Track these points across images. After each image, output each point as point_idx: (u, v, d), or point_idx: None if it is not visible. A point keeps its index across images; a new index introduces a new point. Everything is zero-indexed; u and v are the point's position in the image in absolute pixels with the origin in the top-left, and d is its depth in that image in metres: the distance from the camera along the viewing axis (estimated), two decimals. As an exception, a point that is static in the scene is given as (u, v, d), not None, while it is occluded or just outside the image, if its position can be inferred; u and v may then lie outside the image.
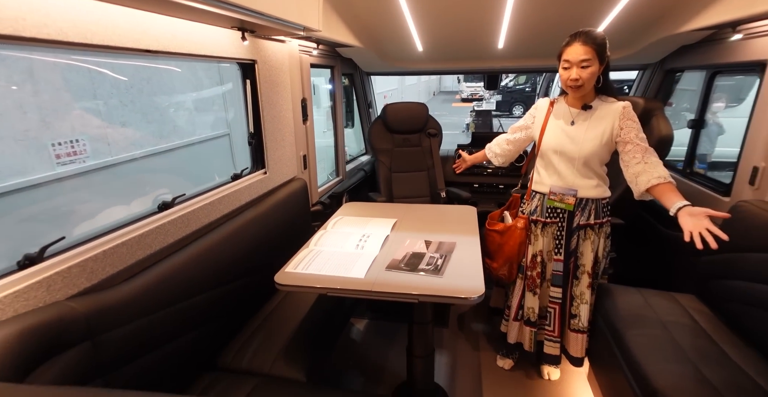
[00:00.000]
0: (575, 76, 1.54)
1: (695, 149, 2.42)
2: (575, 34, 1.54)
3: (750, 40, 1.86)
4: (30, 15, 0.89)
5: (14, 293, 0.91)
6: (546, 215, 1.78)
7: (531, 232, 1.84)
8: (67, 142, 3.47)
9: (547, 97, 1.81)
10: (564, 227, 1.76)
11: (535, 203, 1.82)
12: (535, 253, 1.83)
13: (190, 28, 1.40)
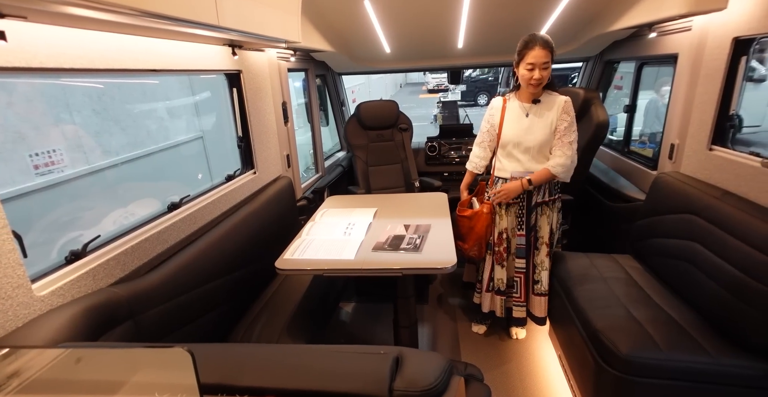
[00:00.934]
0: (538, 76, 1.79)
1: (631, 131, 2.78)
2: (534, 40, 1.77)
3: (665, 36, 2.20)
4: (69, 50, 1.07)
5: (70, 282, 1.10)
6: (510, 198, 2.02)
7: (496, 213, 2.09)
8: (44, 153, 3.52)
9: (499, 96, 2.07)
10: (524, 206, 2.03)
11: (498, 187, 2.05)
12: (501, 231, 2.09)
13: (189, 47, 1.58)
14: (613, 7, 2.27)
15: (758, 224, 1.39)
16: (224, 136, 5.47)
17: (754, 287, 1.33)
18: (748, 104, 6.44)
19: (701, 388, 1.38)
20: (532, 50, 1.77)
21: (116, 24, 1.10)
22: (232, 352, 0.83)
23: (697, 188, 1.76)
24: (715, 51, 1.80)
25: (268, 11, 1.67)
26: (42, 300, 1.02)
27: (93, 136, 3.97)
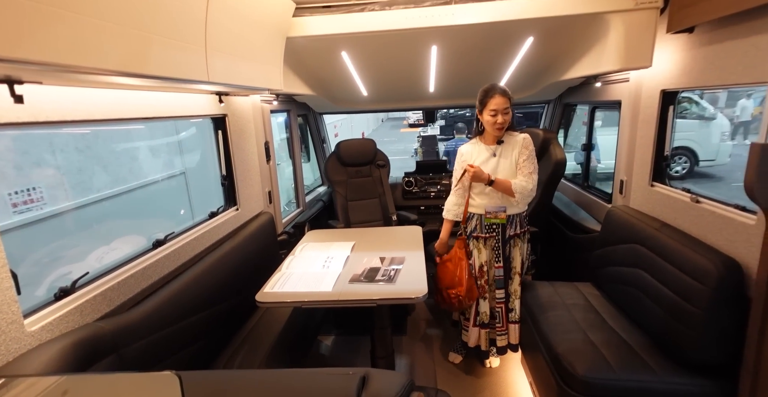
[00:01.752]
0: (501, 120, 1.97)
1: (588, 167, 3.03)
2: (493, 89, 1.96)
3: (609, 85, 2.48)
4: (71, 105, 1.20)
5: (59, 317, 1.17)
6: (485, 232, 2.13)
7: (474, 247, 2.17)
8: (24, 191, 3.54)
9: (466, 144, 2.21)
10: (499, 239, 2.13)
11: (474, 222, 2.16)
12: (481, 264, 2.17)
13: (178, 97, 1.74)
14: (561, 61, 2.56)
15: (689, 253, 1.57)
16: (205, 173, 5.58)
17: (688, 309, 1.48)
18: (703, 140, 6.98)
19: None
20: (493, 98, 1.96)
21: (117, 83, 1.24)
22: (214, 377, 0.91)
23: (641, 220, 1.96)
24: (648, 100, 2.06)
25: (253, 64, 1.85)
26: (32, 335, 1.09)
27: (75, 173, 4.02)
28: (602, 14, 1.93)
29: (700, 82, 1.69)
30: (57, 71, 0.89)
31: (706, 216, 1.64)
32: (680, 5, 1.66)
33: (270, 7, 1.87)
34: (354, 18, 2.10)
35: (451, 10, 2.04)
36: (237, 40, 1.64)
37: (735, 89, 8.96)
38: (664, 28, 1.84)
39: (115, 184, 4.45)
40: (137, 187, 4.81)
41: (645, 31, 1.89)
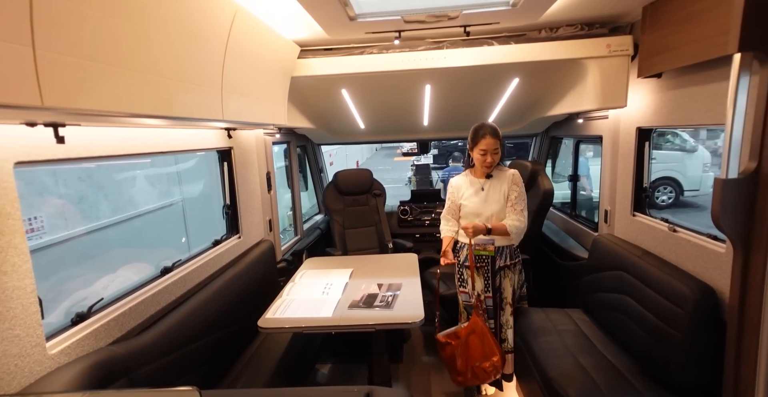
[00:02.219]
0: (490, 160, 2.08)
1: (576, 197, 3.17)
2: (483, 129, 2.06)
3: (590, 121, 2.67)
4: (99, 142, 1.31)
5: (76, 341, 1.23)
6: (476, 261, 2.15)
7: (468, 276, 2.18)
8: (25, 220, 3.59)
9: (457, 175, 2.32)
10: (489, 270, 2.17)
11: (465, 252, 2.18)
12: (478, 292, 2.17)
13: (193, 132, 1.86)
14: (546, 99, 2.76)
15: (668, 279, 1.67)
16: (202, 202, 5.67)
17: (669, 333, 1.57)
18: (686, 171, 7.25)
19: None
20: (483, 139, 2.06)
21: (142, 123, 1.37)
22: (231, 395, 0.98)
23: (625, 248, 2.08)
24: (626, 136, 2.23)
25: (261, 102, 2.00)
26: (52, 358, 1.15)
27: (76, 202, 4.08)
28: (580, 60, 2.13)
29: (669, 121, 1.86)
30: (99, 116, 1.01)
31: (683, 244, 1.76)
32: (648, 54, 1.86)
33: (278, 51, 2.04)
34: (354, 60, 2.29)
35: (443, 54, 2.23)
36: (248, 82, 1.79)
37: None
38: (636, 72, 2.03)
39: (114, 213, 4.51)
40: (135, 216, 4.87)
41: (618, 75, 2.09)
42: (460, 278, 2.26)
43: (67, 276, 3.52)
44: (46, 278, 3.37)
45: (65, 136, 1.06)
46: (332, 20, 1.81)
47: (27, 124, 1.00)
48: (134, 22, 1.02)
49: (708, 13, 1.45)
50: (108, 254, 4.07)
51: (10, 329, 1.04)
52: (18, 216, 1.06)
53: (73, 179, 4.13)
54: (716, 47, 1.40)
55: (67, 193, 4.04)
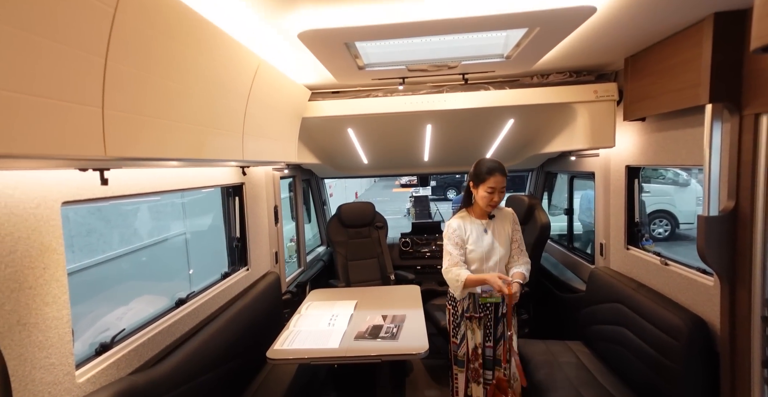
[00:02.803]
0: (497, 198, 1.95)
1: (572, 230, 3.28)
2: (496, 167, 1.93)
3: (582, 158, 2.82)
4: (132, 181, 1.43)
5: (100, 371, 1.29)
6: (479, 311, 2.04)
7: (468, 328, 2.06)
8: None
9: (454, 216, 2.13)
10: (492, 317, 2.04)
11: (467, 302, 2.05)
12: (475, 345, 2.05)
13: (210, 170, 1.99)
14: (540, 138, 2.94)
15: (662, 311, 1.75)
16: (206, 234, 5.75)
17: (666, 364, 1.63)
18: (681, 205, 7.40)
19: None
20: (494, 176, 1.93)
21: (171, 165, 1.49)
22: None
23: (620, 281, 2.16)
24: (616, 174, 2.37)
25: (275, 142, 2.14)
26: (79, 387, 1.21)
27: (84, 235, 4.16)
28: (569, 104, 2.31)
29: (655, 161, 2.01)
30: (144, 160, 1.13)
31: (675, 277, 1.85)
32: (631, 100, 2.03)
33: (292, 96, 2.21)
34: (360, 102, 2.46)
35: (443, 98, 2.41)
36: (265, 124, 1.94)
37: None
38: (622, 115, 2.20)
39: (118, 245, 4.57)
40: (139, 248, 4.93)
41: (606, 118, 2.26)
42: (455, 328, 2.11)
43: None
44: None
45: (109, 178, 1.17)
46: (343, 70, 1.99)
47: (80, 170, 1.12)
48: (177, 80, 1.17)
49: (682, 67, 1.62)
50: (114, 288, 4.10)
51: (47, 358, 1.10)
52: (61, 251, 1.16)
53: (83, 212, 4.23)
54: (691, 98, 1.57)
55: (75, 227, 4.12)
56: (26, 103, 0.74)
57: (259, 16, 1.32)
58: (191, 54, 1.21)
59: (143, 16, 0.96)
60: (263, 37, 1.51)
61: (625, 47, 1.88)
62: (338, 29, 1.40)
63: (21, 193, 1.05)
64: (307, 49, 1.61)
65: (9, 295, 1.01)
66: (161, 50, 1.07)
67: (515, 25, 1.44)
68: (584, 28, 1.55)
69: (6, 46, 0.69)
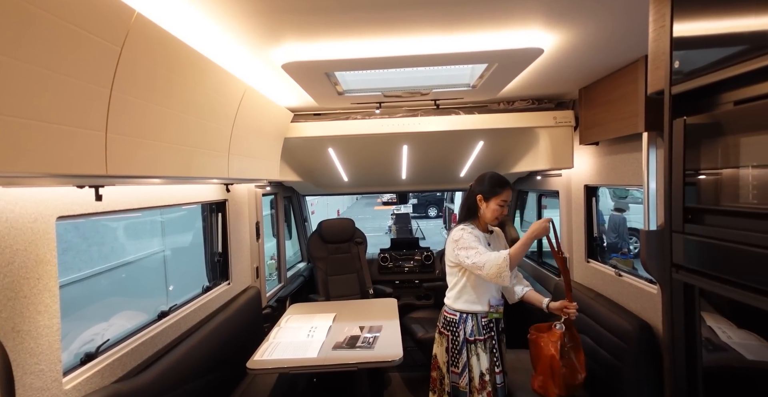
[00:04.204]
0: (505, 212, 1.97)
1: (541, 245, 3.46)
2: (508, 181, 1.97)
3: (547, 178, 3.03)
4: (121, 197, 1.52)
5: (85, 379, 1.35)
6: (483, 333, 1.92)
7: (473, 353, 1.90)
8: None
9: (458, 226, 2.00)
10: (495, 336, 1.94)
11: (470, 323, 1.92)
12: (482, 372, 1.88)
13: (196, 187, 2.09)
14: (508, 159, 3.15)
15: (615, 318, 1.91)
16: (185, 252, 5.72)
17: (619, 366, 1.78)
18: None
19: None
20: (507, 190, 1.95)
21: (159, 182, 1.60)
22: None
23: (581, 291, 2.33)
24: (576, 192, 2.57)
25: (259, 161, 2.26)
26: (66, 393, 1.26)
27: (61, 253, 4.11)
28: (532, 128, 2.52)
29: (607, 181, 2.21)
30: (138, 178, 1.24)
31: (627, 287, 2.03)
32: (585, 126, 2.25)
33: (275, 118, 2.35)
34: (340, 124, 2.62)
35: (418, 121, 2.59)
36: (249, 145, 2.07)
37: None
38: (578, 140, 2.42)
39: (97, 263, 4.53)
40: (119, 266, 4.88)
41: (564, 141, 2.47)
42: (455, 355, 1.94)
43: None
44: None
45: (103, 195, 1.27)
46: (323, 95, 2.14)
47: (77, 187, 1.22)
48: (171, 106, 1.29)
49: (624, 99, 1.84)
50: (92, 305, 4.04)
51: (37, 364, 1.17)
52: (54, 263, 1.24)
53: (60, 230, 4.19)
54: (631, 126, 1.77)
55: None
56: (40, 129, 0.85)
57: (247, 48, 1.46)
58: (185, 83, 1.34)
59: (145, 52, 1.08)
60: (250, 66, 1.65)
61: (578, 80, 2.11)
62: (319, 61, 1.55)
63: (20, 209, 1.14)
64: (290, 76, 1.76)
65: (6, 303, 1.09)
66: (159, 81, 1.19)
67: (477, 60, 1.63)
68: (540, 63, 1.75)
69: (24, 79, 0.80)
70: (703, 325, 0.91)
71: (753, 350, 0.87)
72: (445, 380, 1.98)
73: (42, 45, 0.82)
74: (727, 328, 0.91)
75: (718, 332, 0.95)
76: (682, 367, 0.90)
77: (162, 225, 5.80)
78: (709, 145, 0.80)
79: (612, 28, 1.39)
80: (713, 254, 0.79)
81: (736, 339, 0.88)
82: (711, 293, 0.86)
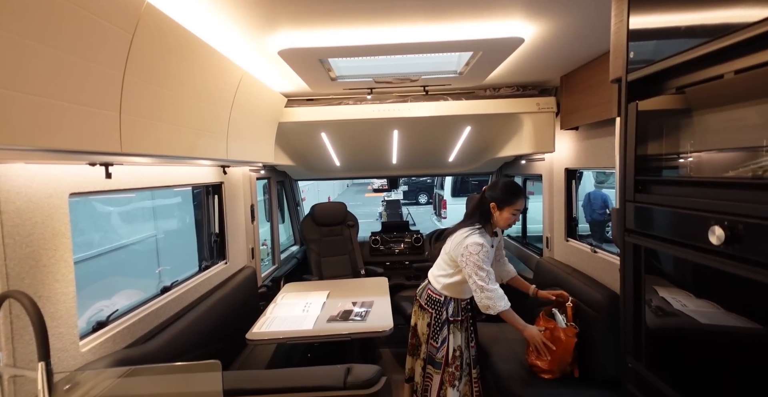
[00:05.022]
0: (517, 220, 2.10)
1: (526, 227, 3.62)
2: (522, 191, 2.07)
3: (532, 162, 3.17)
4: (128, 176, 1.61)
5: (98, 344, 1.46)
6: (462, 314, 2.13)
7: (450, 332, 2.09)
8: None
9: (476, 233, 2.00)
10: (470, 315, 2.17)
11: (452, 306, 2.10)
12: (455, 348, 2.08)
13: (195, 169, 2.18)
14: (494, 144, 3.27)
15: (589, 290, 2.07)
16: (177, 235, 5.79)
17: (593, 334, 1.95)
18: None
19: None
20: (521, 200, 2.02)
21: (163, 162, 1.69)
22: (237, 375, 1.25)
23: (559, 268, 2.49)
24: (558, 175, 2.71)
25: (254, 144, 2.35)
26: (83, 355, 1.37)
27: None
28: (517, 114, 2.64)
29: (586, 164, 2.35)
30: (142, 157, 1.33)
31: (600, 262, 2.18)
32: (566, 112, 2.37)
33: (270, 102, 2.43)
34: (332, 109, 2.70)
35: (408, 107, 2.68)
36: (246, 128, 2.15)
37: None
38: (560, 125, 2.54)
39: (87, 248, 4.58)
40: (113, 249, 4.94)
41: (546, 126, 2.60)
42: (436, 331, 2.11)
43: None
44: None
45: (115, 173, 1.36)
46: (317, 81, 2.22)
47: (89, 164, 1.31)
48: (176, 90, 1.38)
49: (600, 86, 1.96)
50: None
51: (57, 327, 1.27)
52: (68, 236, 1.33)
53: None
54: (606, 111, 1.90)
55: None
56: (67, 109, 0.94)
57: (245, 36, 1.54)
58: (189, 68, 1.42)
59: (153, 39, 1.16)
60: (247, 52, 1.73)
61: (559, 68, 2.22)
62: (314, 48, 1.64)
63: (38, 185, 1.23)
64: (284, 62, 1.84)
65: (29, 271, 1.19)
66: (166, 66, 1.28)
67: (462, 49, 1.72)
68: (523, 51, 1.86)
69: (48, 64, 0.89)
70: (655, 295, 1.02)
71: (708, 316, 0.98)
72: (422, 348, 2.15)
73: (71, 34, 0.90)
74: (685, 298, 1.00)
75: (673, 301, 1.04)
76: (630, 320, 1.04)
77: (154, 211, 5.85)
78: (656, 125, 0.93)
79: (587, 20, 1.50)
80: (655, 218, 0.92)
81: (692, 307, 0.98)
82: (669, 266, 0.97)
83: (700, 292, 0.88)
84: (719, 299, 0.80)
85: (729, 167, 0.75)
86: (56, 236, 1.29)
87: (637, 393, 1.02)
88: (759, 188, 0.66)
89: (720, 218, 0.71)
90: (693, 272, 0.90)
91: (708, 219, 0.73)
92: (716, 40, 0.72)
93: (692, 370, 0.87)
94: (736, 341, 0.76)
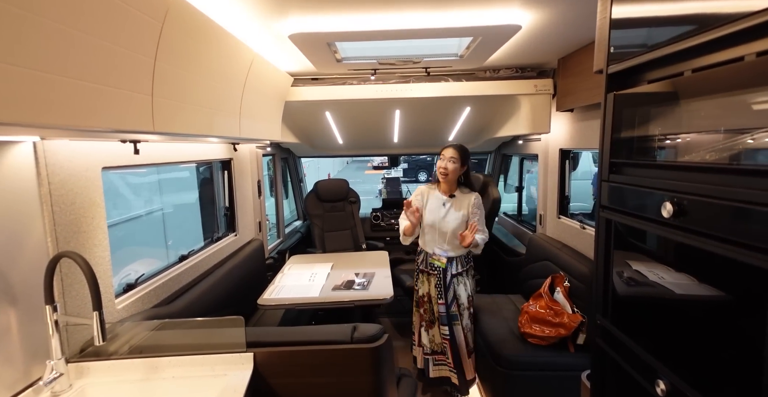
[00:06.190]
0: (443, 165, 2.25)
1: (521, 204, 3.77)
2: (448, 143, 2.34)
3: (528, 142, 3.28)
4: (151, 152, 1.74)
5: (130, 303, 1.63)
6: (429, 268, 2.37)
7: (420, 280, 2.43)
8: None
9: (425, 185, 2.45)
10: (441, 277, 2.33)
11: (422, 256, 2.43)
12: (423, 294, 2.41)
13: (208, 146, 2.30)
14: (493, 124, 3.37)
15: (576, 264, 2.24)
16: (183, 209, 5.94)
17: (580, 305, 2.13)
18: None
19: (551, 375, 2.08)
20: (445, 149, 2.30)
21: (184, 139, 1.81)
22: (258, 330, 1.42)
23: (550, 243, 2.65)
24: (553, 155, 2.83)
25: (263, 123, 2.46)
26: (119, 312, 1.55)
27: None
28: (515, 95, 2.73)
29: (580, 145, 2.47)
30: (168, 135, 1.45)
31: (588, 237, 2.34)
32: (562, 94, 2.47)
33: (278, 82, 2.52)
34: (337, 89, 2.79)
35: (410, 87, 2.77)
36: (256, 107, 2.26)
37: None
38: (556, 107, 2.64)
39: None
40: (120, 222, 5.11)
41: (543, 108, 2.70)
42: (417, 275, 2.49)
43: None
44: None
45: (140, 149, 1.49)
46: (323, 61, 2.31)
47: (121, 141, 1.43)
48: (198, 73, 1.49)
49: (593, 70, 2.05)
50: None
51: (97, 287, 1.43)
52: (102, 206, 1.48)
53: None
54: (598, 95, 1.99)
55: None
56: (108, 93, 1.06)
57: (258, 21, 1.63)
58: (210, 54, 1.53)
59: (180, 27, 1.27)
60: (258, 36, 1.82)
61: (556, 51, 2.30)
62: (322, 33, 1.73)
63: (77, 159, 1.36)
64: (292, 43, 1.93)
65: (72, 236, 1.33)
66: (189, 51, 1.38)
67: (462, 34, 1.81)
68: (521, 35, 1.94)
69: (88, 52, 1.00)
70: (628, 268, 1.12)
71: (683, 287, 1.09)
72: (435, 309, 2.38)
73: (111, 23, 1.01)
74: (663, 271, 1.05)
75: (649, 274, 1.11)
76: (601, 284, 1.20)
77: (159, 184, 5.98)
78: (629, 113, 1.05)
79: (582, 7, 1.59)
80: (625, 196, 1.06)
81: (670, 279, 1.10)
82: (652, 243, 1.06)
83: (680, 267, 0.98)
84: (691, 270, 0.91)
85: (685, 152, 0.88)
86: (93, 205, 1.43)
87: (604, 345, 1.19)
88: (703, 171, 0.80)
89: (671, 196, 0.85)
90: (673, 249, 0.99)
91: (662, 196, 0.87)
92: (683, 40, 0.84)
93: (650, 327, 1.03)
94: (691, 306, 0.91)
